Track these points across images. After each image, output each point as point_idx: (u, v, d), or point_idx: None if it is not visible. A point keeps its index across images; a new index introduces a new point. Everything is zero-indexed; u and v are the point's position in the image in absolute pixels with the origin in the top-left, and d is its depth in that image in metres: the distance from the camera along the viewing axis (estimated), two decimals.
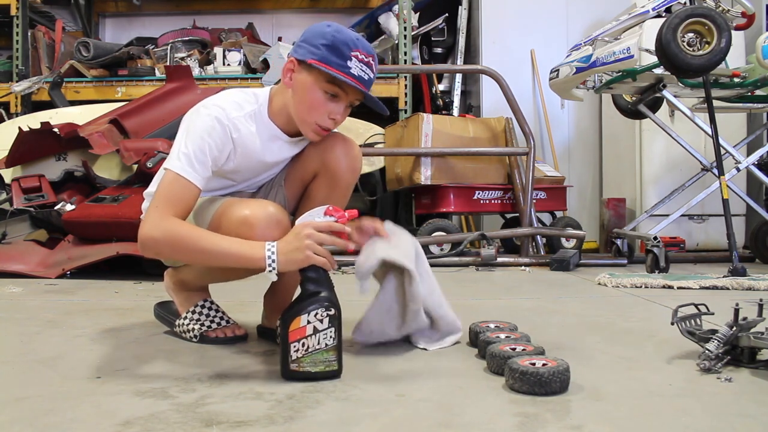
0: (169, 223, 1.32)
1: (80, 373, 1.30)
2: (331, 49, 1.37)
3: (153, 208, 1.35)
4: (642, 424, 1.01)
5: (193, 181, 1.36)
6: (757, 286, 2.59)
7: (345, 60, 1.37)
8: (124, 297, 2.40)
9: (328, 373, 1.24)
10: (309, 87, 1.41)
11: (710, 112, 3.34)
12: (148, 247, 1.35)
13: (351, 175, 1.57)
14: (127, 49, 4.83)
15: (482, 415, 1.05)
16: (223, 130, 1.41)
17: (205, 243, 1.31)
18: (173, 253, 1.37)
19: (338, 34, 1.38)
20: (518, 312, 2.05)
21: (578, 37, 4.41)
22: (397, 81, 4.66)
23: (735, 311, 1.34)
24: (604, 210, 4.48)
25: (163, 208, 1.34)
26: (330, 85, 1.40)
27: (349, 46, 1.37)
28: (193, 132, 1.39)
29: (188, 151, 1.36)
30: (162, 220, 1.33)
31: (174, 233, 1.32)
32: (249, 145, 1.47)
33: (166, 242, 1.32)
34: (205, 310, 1.61)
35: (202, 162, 1.37)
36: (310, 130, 1.46)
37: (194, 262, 1.49)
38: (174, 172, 1.36)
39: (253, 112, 1.47)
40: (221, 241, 1.31)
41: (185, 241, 1.31)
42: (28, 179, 3.50)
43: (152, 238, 1.33)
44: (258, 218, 1.36)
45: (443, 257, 3.64)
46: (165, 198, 1.35)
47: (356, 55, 1.38)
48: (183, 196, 1.36)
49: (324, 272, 1.28)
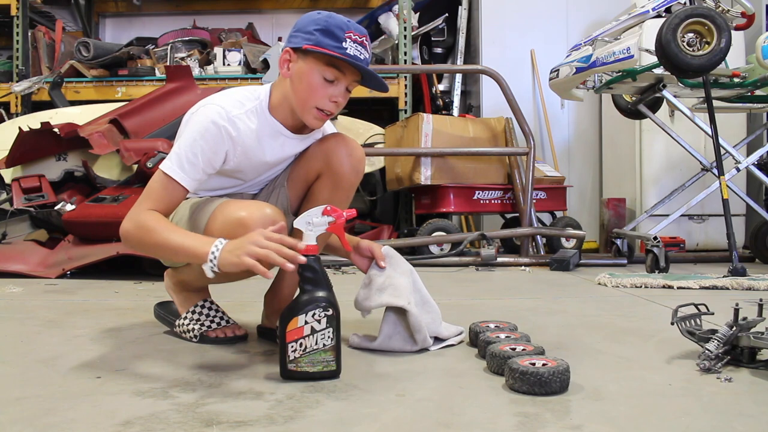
0: (143, 216, 1.37)
1: (80, 373, 1.30)
2: (324, 33, 1.38)
3: (137, 204, 1.40)
4: (642, 424, 1.01)
5: (179, 181, 1.39)
6: (757, 286, 2.59)
7: (340, 42, 1.38)
8: (124, 297, 2.40)
9: (327, 374, 1.24)
10: (307, 72, 1.41)
11: (710, 112, 3.34)
12: (124, 239, 1.40)
13: (354, 176, 1.57)
14: (127, 49, 4.83)
15: (482, 415, 1.05)
16: (218, 131, 1.41)
17: (162, 236, 1.33)
18: (140, 245, 1.40)
19: (330, 19, 1.40)
20: (518, 312, 2.05)
21: (578, 37, 4.42)
22: (397, 81, 4.66)
23: (735, 311, 1.34)
24: (604, 210, 4.48)
25: (144, 203, 1.39)
26: (328, 67, 1.41)
27: (341, 28, 1.39)
28: (187, 133, 1.41)
29: (180, 152, 1.40)
30: (138, 213, 1.38)
31: (142, 226, 1.36)
32: (249, 143, 1.46)
33: (134, 233, 1.37)
34: (205, 310, 1.61)
35: (192, 163, 1.39)
36: (311, 116, 1.46)
37: (156, 255, 1.51)
38: (162, 171, 1.40)
39: (254, 108, 1.47)
40: (177, 235, 1.34)
41: (149, 234, 1.35)
42: (28, 179, 3.50)
43: (125, 229, 1.38)
44: (254, 219, 1.37)
45: (443, 257, 3.64)
46: (148, 194, 1.40)
47: (350, 36, 1.39)
48: (166, 194, 1.39)
49: (323, 272, 1.28)
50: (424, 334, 1.48)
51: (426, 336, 1.49)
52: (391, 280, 1.51)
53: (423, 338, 1.48)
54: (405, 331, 1.50)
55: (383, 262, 1.54)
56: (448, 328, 1.58)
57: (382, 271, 1.53)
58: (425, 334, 1.48)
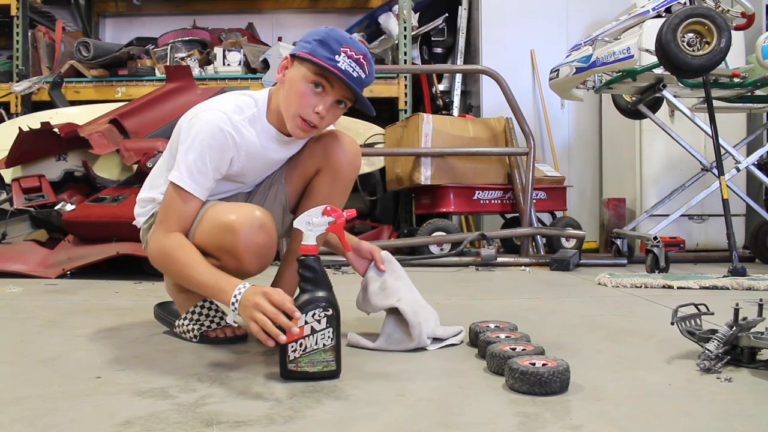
0: (169, 242, 1.41)
1: (80, 373, 1.30)
2: (320, 43, 1.39)
3: (158, 223, 1.46)
4: (642, 424, 1.01)
5: (193, 192, 1.41)
6: (757, 286, 2.59)
7: (333, 54, 1.38)
8: (124, 297, 2.40)
9: (327, 373, 1.24)
10: (296, 79, 1.43)
11: (710, 112, 3.34)
12: (152, 261, 1.49)
13: (352, 171, 1.61)
14: (127, 49, 4.83)
15: (482, 415, 1.05)
16: (224, 136, 1.42)
17: (185, 271, 1.39)
18: (166, 272, 1.52)
19: (332, 32, 1.41)
20: (518, 312, 2.05)
21: (578, 37, 4.42)
22: (397, 81, 4.66)
23: (735, 311, 1.34)
24: (604, 210, 4.48)
25: (166, 224, 1.43)
26: (316, 77, 1.41)
27: (339, 42, 1.39)
28: (192, 140, 1.41)
29: (188, 162, 1.40)
30: (164, 237, 1.43)
31: (166, 254, 1.42)
32: (251, 149, 1.49)
33: (159, 261, 1.46)
34: (205, 311, 1.61)
35: (203, 172, 1.41)
36: (293, 123, 1.45)
37: (181, 283, 1.54)
38: (175, 183, 1.41)
39: (252, 116, 1.50)
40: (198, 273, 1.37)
41: (173, 264, 1.41)
42: (28, 179, 3.50)
43: (152, 255, 1.47)
44: (242, 223, 1.39)
45: (443, 257, 3.64)
46: (165, 213, 1.44)
47: (346, 50, 1.39)
48: (185, 208, 1.42)
49: (323, 272, 1.28)
50: (419, 330, 1.48)
51: (421, 332, 1.49)
52: (386, 284, 1.54)
53: (418, 334, 1.48)
54: (403, 330, 1.50)
55: (383, 265, 1.56)
56: (446, 330, 1.58)
57: (379, 276, 1.56)
58: (420, 330, 1.48)
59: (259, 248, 1.42)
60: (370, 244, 1.59)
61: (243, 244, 1.38)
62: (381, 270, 1.56)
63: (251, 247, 1.40)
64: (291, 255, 1.67)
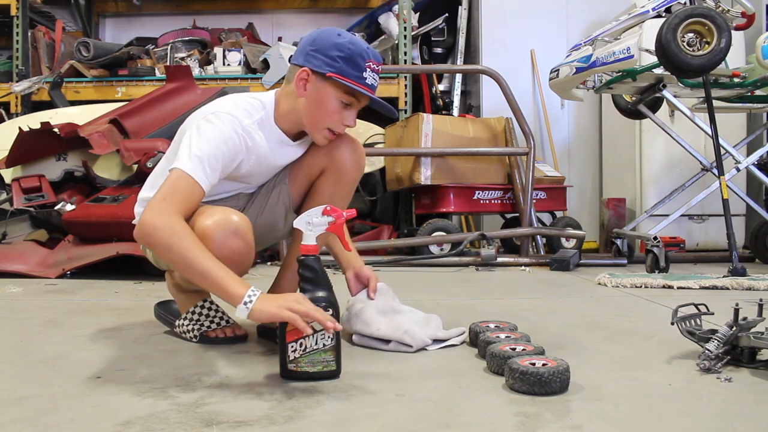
0: (175, 221, 1.29)
1: (80, 373, 1.30)
2: (348, 62, 1.43)
3: (160, 200, 1.32)
4: (642, 424, 1.01)
5: (201, 183, 1.37)
6: (757, 286, 2.59)
7: (361, 72, 1.44)
8: (124, 297, 2.40)
9: (327, 374, 1.24)
10: (326, 97, 1.47)
11: (710, 112, 3.34)
12: (146, 234, 1.30)
13: (357, 172, 1.64)
14: (127, 49, 4.83)
15: (482, 415, 1.05)
16: (238, 140, 1.44)
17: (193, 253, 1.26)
18: (164, 252, 1.30)
19: (353, 46, 1.44)
20: (518, 312, 2.05)
21: (578, 37, 4.41)
22: (397, 81, 4.66)
23: (735, 311, 1.34)
24: (604, 210, 4.48)
25: (171, 203, 1.31)
26: (347, 95, 1.47)
27: (363, 58, 1.44)
28: (210, 138, 1.40)
29: (201, 155, 1.37)
30: (170, 214, 1.29)
31: (175, 230, 1.28)
32: (261, 152, 1.51)
33: (163, 235, 1.28)
34: (205, 311, 1.61)
35: (213, 168, 1.39)
36: (321, 135, 1.52)
37: (177, 270, 1.43)
38: (184, 171, 1.35)
39: (260, 119, 1.51)
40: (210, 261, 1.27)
41: (180, 242, 1.27)
42: (28, 179, 3.50)
43: (154, 225, 1.28)
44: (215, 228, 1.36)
45: (443, 257, 3.64)
46: (173, 193, 1.33)
47: (369, 65, 1.45)
48: (190, 195, 1.35)
49: (322, 272, 1.28)
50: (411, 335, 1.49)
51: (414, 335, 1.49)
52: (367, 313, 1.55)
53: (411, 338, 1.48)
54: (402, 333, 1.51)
55: (373, 294, 1.60)
56: (448, 333, 1.58)
57: (364, 300, 1.59)
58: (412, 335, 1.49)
59: (233, 254, 1.38)
60: (371, 271, 1.63)
61: (216, 250, 1.32)
62: (371, 298, 1.59)
63: (224, 252, 1.35)
64: (291, 255, 1.67)
